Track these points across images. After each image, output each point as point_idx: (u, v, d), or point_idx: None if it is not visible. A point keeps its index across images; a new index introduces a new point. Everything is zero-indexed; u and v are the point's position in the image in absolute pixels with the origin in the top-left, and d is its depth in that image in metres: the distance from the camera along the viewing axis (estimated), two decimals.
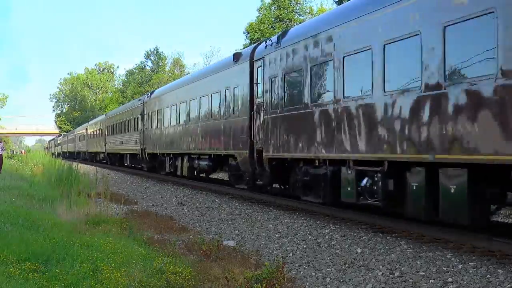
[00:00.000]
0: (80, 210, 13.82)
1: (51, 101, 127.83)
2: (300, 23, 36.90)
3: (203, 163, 20.43)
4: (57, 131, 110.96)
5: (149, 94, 30.75)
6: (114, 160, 43.04)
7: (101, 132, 47.60)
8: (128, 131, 35.01)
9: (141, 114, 31.07)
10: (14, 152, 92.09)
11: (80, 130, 65.97)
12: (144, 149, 29.56)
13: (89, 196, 16.54)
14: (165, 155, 25.82)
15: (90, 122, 60.06)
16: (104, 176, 26.56)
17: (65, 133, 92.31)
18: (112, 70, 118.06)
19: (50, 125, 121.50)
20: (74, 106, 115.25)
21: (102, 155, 48.39)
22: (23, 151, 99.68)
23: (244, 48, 42.08)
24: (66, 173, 21.90)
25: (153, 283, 6.61)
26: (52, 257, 7.35)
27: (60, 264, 7.03)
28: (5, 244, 7.75)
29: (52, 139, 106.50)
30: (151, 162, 29.20)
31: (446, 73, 8.28)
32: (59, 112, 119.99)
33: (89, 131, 56.68)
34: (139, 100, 33.68)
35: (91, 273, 6.69)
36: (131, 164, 37.06)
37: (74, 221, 12.18)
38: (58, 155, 78.46)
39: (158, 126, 26.88)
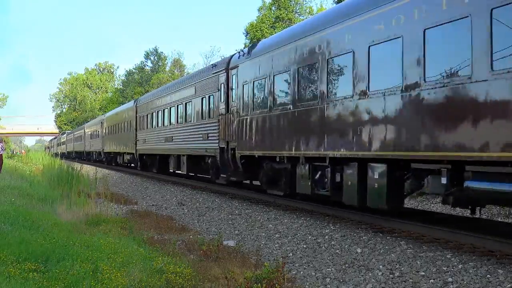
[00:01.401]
0: (80, 210, 13.82)
1: (51, 101, 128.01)
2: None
3: None
4: (57, 131, 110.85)
5: (248, 50, 16.55)
6: (151, 164, 30.11)
7: (127, 125, 34.96)
8: (186, 121, 22.45)
9: (220, 89, 18.10)
10: (14, 152, 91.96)
11: (92, 126, 53.94)
12: (232, 149, 16.76)
13: (89, 196, 16.55)
14: (301, 162, 12.75)
15: (107, 114, 46.99)
16: (104, 176, 26.55)
17: (70, 131, 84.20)
18: (112, 70, 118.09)
19: (50, 125, 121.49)
20: (74, 106, 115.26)
21: (128, 157, 35.78)
22: (22, 151, 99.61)
23: (245, 47, 42.00)
24: (66, 173, 21.89)
25: (153, 283, 6.61)
26: (52, 257, 7.35)
27: (60, 264, 7.03)
28: (5, 244, 7.75)
29: (54, 138, 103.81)
30: (246, 171, 16.57)
31: None
32: (59, 112, 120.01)
33: (106, 126, 44.13)
34: (214, 67, 19.56)
35: (91, 273, 6.69)
36: (191, 173, 23.42)
37: (74, 221, 12.18)
38: (62, 155, 69.87)
39: (279, 102, 13.89)
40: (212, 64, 20.67)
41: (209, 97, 19.41)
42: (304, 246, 10.06)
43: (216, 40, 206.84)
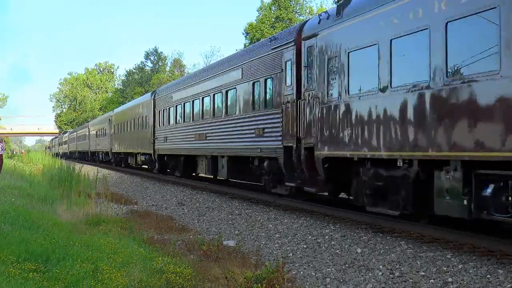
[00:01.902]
0: (80, 210, 13.84)
1: (51, 101, 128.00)
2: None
3: None
4: (57, 131, 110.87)
5: (337, 9, 11.84)
6: (174, 167, 25.47)
7: (143, 122, 30.35)
8: (228, 113, 17.77)
9: (284, 69, 13.76)
10: (14, 152, 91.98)
11: (98, 124, 49.77)
12: (308, 148, 12.54)
13: (89, 196, 16.55)
14: (454, 167, 8.48)
15: (116, 110, 42.66)
16: (104, 176, 26.54)
17: (72, 130, 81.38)
18: (112, 70, 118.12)
19: (50, 125, 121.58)
20: (74, 107, 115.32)
21: (142, 158, 31.36)
22: (22, 151, 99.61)
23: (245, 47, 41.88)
24: (66, 173, 21.88)
25: (153, 283, 6.61)
26: (52, 257, 7.35)
27: (60, 264, 7.03)
28: (5, 244, 7.75)
29: (55, 137, 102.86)
30: (331, 180, 12.08)
31: None
32: (59, 112, 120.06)
33: (115, 123, 39.65)
34: (273, 41, 14.97)
35: (91, 273, 6.69)
36: (234, 178, 19.38)
37: (74, 221, 12.19)
38: (64, 155, 67.62)
39: (406, 79, 9.46)
40: (270, 38, 15.94)
41: (265, 80, 14.96)
42: (304, 246, 10.06)
43: (216, 40, 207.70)
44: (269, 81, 14.77)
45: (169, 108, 25.26)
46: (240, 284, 6.70)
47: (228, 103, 17.83)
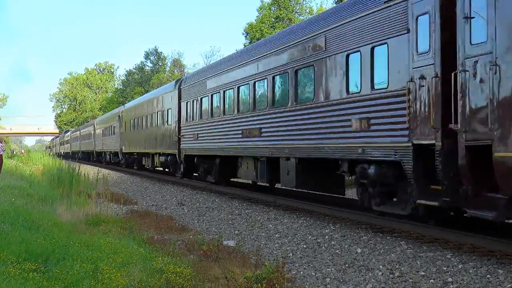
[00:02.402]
0: (80, 210, 13.83)
1: (51, 101, 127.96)
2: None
3: None
4: (57, 131, 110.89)
5: None
6: (207, 170, 20.58)
7: (163, 116, 25.91)
8: (298, 100, 13.36)
9: (413, 28, 9.34)
10: (14, 152, 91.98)
11: (105, 121, 45.34)
12: (479, 146, 7.94)
13: (89, 196, 16.55)
14: None
15: (128, 105, 38.32)
16: (104, 176, 26.53)
17: (75, 128, 78.01)
18: (112, 70, 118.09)
19: (50, 125, 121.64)
20: (74, 107, 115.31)
21: (162, 159, 26.49)
22: (23, 151, 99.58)
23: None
24: (66, 173, 21.87)
25: (153, 283, 6.61)
26: (52, 257, 7.35)
27: (60, 264, 7.03)
28: (5, 244, 7.76)
29: (56, 137, 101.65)
30: None
31: None
32: (59, 112, 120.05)
33: (126, 120, 35.70)
34: None
35: (91, 273, 6.69)
36: (307, 188, 14.68)
37: (74, 221, 12.19)
38: (66, 156, 64.89)
39: None
40: None
41: (371, 49, 10.62)
42: (304, 246, 10.06)
43: (216, 40, 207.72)
44: (379, 50, 10.43)
45: (201, 99, 20.40)
46: (240, 284, 6.70)
47: (299, 86, 13.38)
